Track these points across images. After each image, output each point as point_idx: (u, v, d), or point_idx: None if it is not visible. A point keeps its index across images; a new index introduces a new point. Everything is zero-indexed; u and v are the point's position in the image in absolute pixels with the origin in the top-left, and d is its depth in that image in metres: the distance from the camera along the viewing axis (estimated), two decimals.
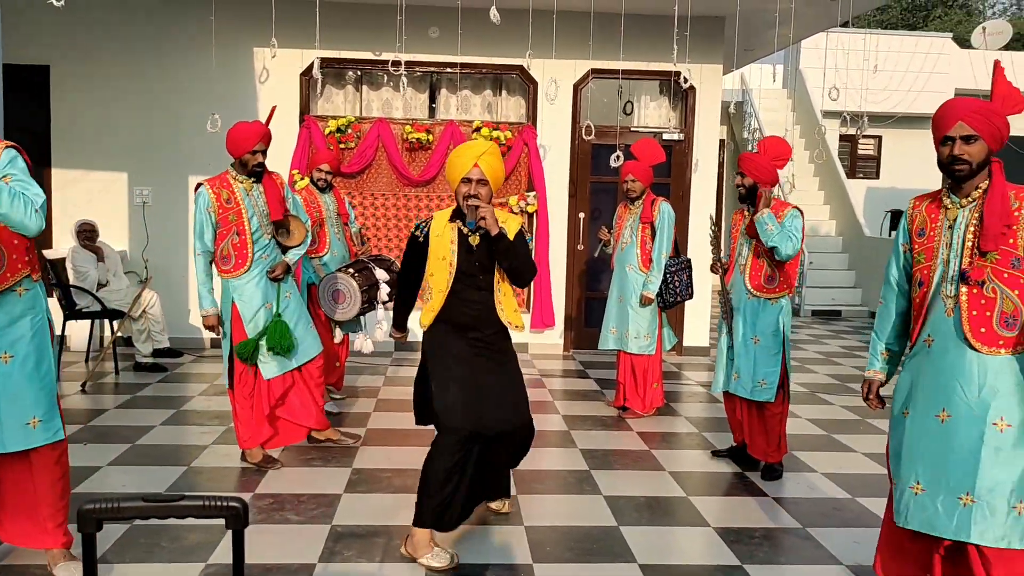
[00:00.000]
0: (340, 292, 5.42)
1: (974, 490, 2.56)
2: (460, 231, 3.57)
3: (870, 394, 3.02)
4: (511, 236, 3.52)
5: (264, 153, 4.46)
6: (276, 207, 4.52)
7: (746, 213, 4.74)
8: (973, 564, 2.59)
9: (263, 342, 4.46)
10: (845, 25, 8.91)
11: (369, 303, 5.55)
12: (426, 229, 3.60)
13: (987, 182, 2.68)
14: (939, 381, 2.67)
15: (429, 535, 3.50)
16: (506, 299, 3.64)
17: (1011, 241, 2.57)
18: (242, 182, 4.46)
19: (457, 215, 3.58)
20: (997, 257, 2.58)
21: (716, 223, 5.14)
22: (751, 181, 4.61)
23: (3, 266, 3.04)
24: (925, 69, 14.40)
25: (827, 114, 13.82)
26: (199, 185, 4.44)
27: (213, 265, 4.51)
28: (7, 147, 3.04)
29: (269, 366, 4.50)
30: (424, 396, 3.69)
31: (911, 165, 15.32)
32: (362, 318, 5.79)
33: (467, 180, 3.47)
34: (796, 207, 4.60)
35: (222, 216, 4.41)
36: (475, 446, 3.51)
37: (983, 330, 2.60)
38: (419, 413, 3.80)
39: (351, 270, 5.48)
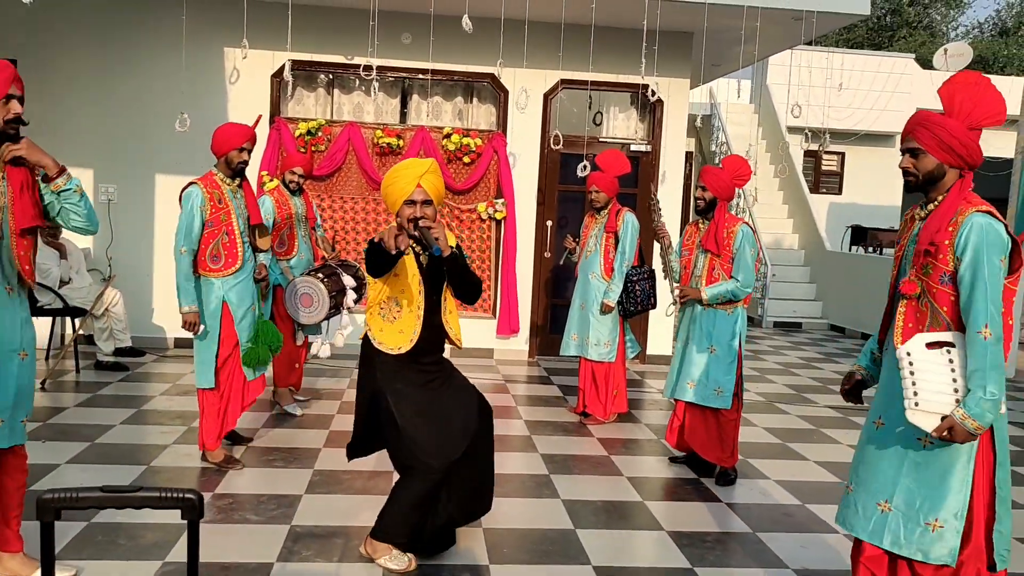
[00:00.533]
0: (308, 296, 5.44)
1: (891, 499, 2.62)
2: (413, 251, 3.46)
3: (845, 384, 2.97)
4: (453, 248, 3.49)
5: (249, 152, 4.52)
6: (255, 211, 4.62)
7: (700, 226, 4.88)
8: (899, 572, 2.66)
9: (253, 345, 4.61)
10: (811, 43, 9.12)
11: (335, 308, 5.59)
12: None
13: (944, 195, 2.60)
14: (885, 390, 2.72)
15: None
16: (452, 317, 3.60)
17: (940, 256, 2.52)
18: (228, 184, 4.50)
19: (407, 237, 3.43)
20: (931, 272, 2.56)
21: (654, 197, 5.61)
22: (711, 195, 4.74)
23: (21, 271, 3.07)
24: (888, 88, 14.74)
25: (792, 130, 14.10)
26: (189, 184, 4.44)
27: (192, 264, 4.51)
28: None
29: (253, 368, 4.65)
30: (372, 429, 3.57)
31: (873, 182, 15.67)
32: (325, 322, 5.82)
33: (411, 202, 3.36)
34: (745, 222, 4.77)
35: (214, 215, 4.42)
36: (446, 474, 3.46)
37: None
38: (359, 447, 3.67)
39: (320, 275, 5.51)
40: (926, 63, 17.08)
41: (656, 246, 5.36)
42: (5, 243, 2.99)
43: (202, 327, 4.47)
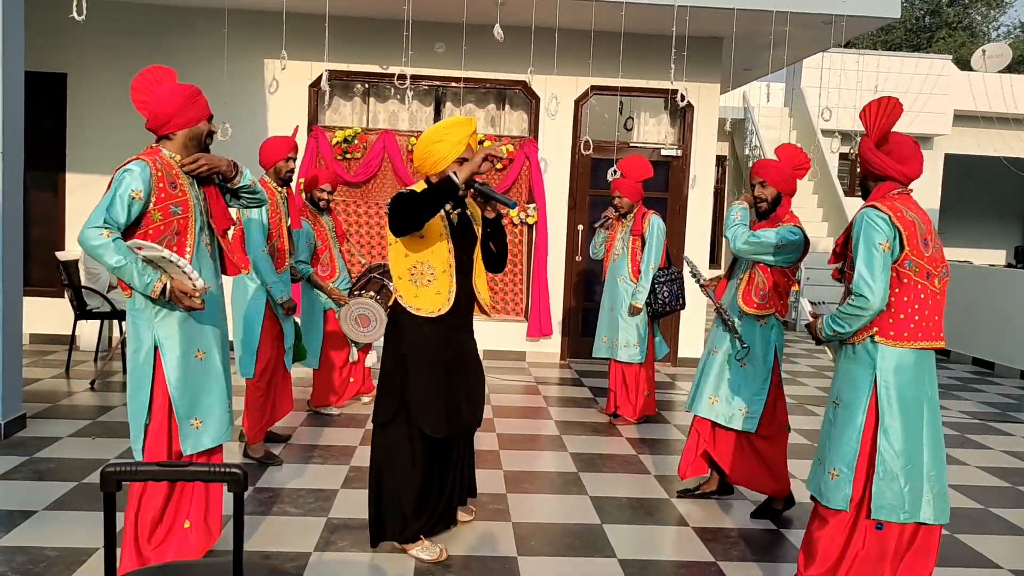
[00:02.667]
0: (365, 316, 5.56)
1: (820, 452, 3.20)
2: (444, 210, 3.46)
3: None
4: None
5: (294, 161, 4.79)
6: (295, 218, 4.89)
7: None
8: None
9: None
10: (845, 46, 9.13)
11: None
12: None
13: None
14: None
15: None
16: (481, 281, 3.61)
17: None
18: (280, 192, 4.76)
19: None
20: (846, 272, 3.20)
21: (693, 269, 4.68)
22: (774, 191, 4.12)
23: (240, 264, 3.51)
24: (925, 90, 14.60)
25: (826, 132, 14.03)
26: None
27: None
28: None
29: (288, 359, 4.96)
30: (398, 392, 3.48)
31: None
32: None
33: (462, 160, 3.34)
34: (796, 223, 4.11)
35: (272, 219, 4.67)
36: (442, 445, 3.58)
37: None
38: (386, 409, 3.52)
39: (370, 292, 5.61)
40: (965, 64, 16.88)
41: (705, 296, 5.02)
42: (216, 245, 3.31)
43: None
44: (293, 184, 7.92)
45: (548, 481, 4.80)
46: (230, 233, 3.56)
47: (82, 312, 6.96)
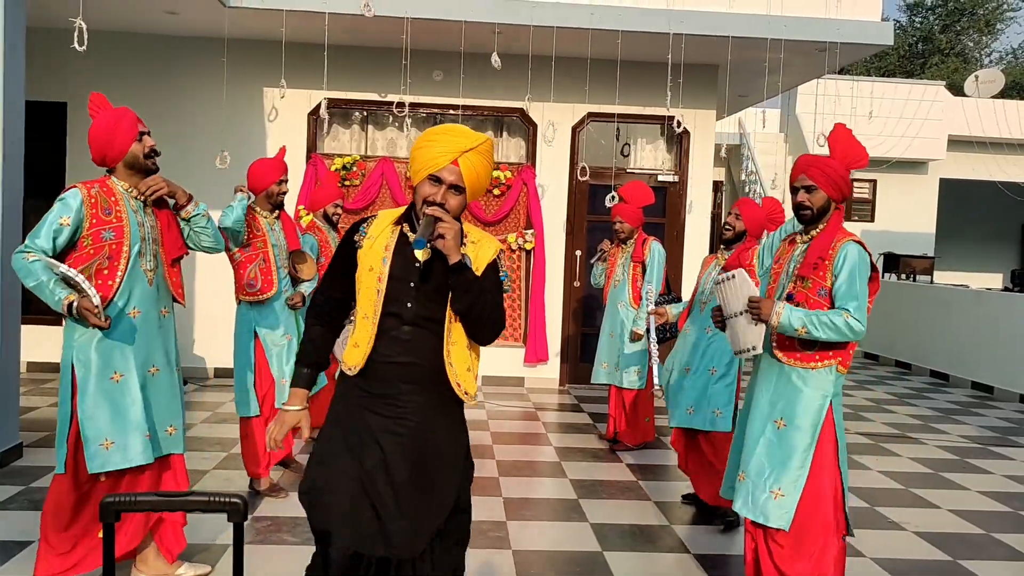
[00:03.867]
0: None
1: (747, 470, 3.17)
2: (403, 235, 2.48)
3: None
4: (479, 267, 2.47)
5: (286, 183, 4.74)
6: (293, 239, 4.82)
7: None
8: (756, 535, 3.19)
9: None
10: (840, 72, 9.22)
11: None
12: (365, 229, 2.52)
13: (824, 225, 3.15)
14: (755, 383, 3.30)
15: None
16: (457, 350, 2.46)
17: (821, 274, 3.06)
18: (265, 216, 4.70)
19: (407, 217, 2.52)
20: (809, 285, 3.08)
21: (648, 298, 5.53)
22: (742, 227, 4.05)
23: (176, 295, 3.48)
24: (919, 115, 14.71)
25: None
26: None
27: None
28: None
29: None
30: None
31: (906, 209, 15.60)
32: None
33: (436, 179, 2.41)
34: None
35: (252, 241, 4.63)
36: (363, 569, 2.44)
37: (787, 343, 3.13)
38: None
39: None
40: (959, 90, 17.03)
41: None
42: (161, 272, 3.38)
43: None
44: (291, 210, 7.98)
45: (548, 508, 4.78)
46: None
47: None
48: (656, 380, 6.23)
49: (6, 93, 5.03)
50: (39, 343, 7.88)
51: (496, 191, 8.38)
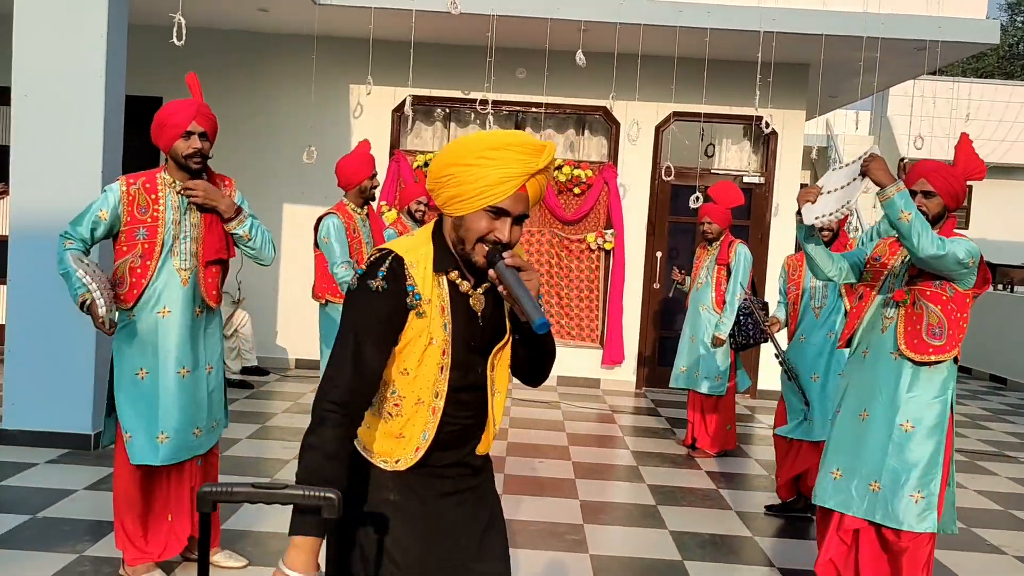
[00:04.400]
0: None
1: (880, 479, 3.07)
2: (454, 287, 1.83)
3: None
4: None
5: (376, 177, 4.70)
6: (379, 237, 4.81)
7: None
8: (884, 542, 3.14)
9: None
10: (935, 73, 8.85)
11: None
12: (411, 284, 1.77)
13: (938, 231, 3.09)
14: (864, 386, 3.20)
15: None
16: (500, 399, 1.90)
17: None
18: (357, 212, 4.66)
19: (446, 258, 1.83)
20: (919, 282, 3.09)
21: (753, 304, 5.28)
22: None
23: (207, 296, 3.41)
24: (1020, 119, 14.05)
25: (911, 161, 13.59)
26: (327, 214, 4.55)
27: None
28: (232, 187, 3.56)
29: None
30: None
31: (1003, 216, 14.91)
32: None
33: (499, 212, 1.75)
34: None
35: (350, 242, 4.56)
36: None
37: (915, 341, 3.07)
38: None
39: None
40: None
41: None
42: (197, 272, 3.32)
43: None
44: (375, 205, 8.07)
45: (625, 513, 4.70)
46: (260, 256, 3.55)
47: None
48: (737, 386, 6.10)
49: (108, 89, 5.20)
50: None
51: (576, 190, 8.31)
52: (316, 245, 4.60)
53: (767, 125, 7.07)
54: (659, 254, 8.47)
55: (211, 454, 3.56)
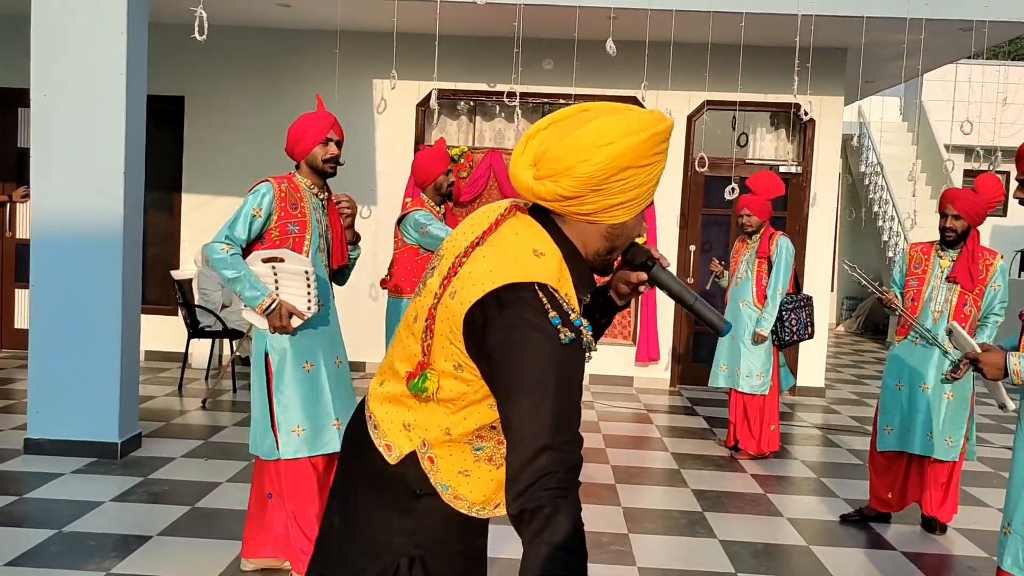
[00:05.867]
0: None
1: (1012, 522, 2.69)
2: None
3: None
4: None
5: (451, 174, 4.61)
6: None
7: (940, 252, 4.29)
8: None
9: None
10: (979, 55, 8.53)
11: None
12: (578, 319, 1.45)
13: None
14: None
15: None
16: None
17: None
18: (437, 211, 4.60)
19: (584, 279, 1.58)
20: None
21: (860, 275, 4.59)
22: (965, 224, 4.14)
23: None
24: None
25: (952, 148, 13.22)
26: (416, 209, 4.53)
27: None
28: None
29: None
30: None
31: None
32: None
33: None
34: (1000, 255, 4.25)
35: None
36: None
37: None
38: None
39: None
40: None
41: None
42: (325, 275, 3.49)
43: None
44: (398, 205, 7.91)
45: (671, 521, 4.48)
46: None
47: (195, 330, 7.04)
48: (781, 384, 5.87)
49: (129, 88, 5.06)
50: (155, 332, 8.05)
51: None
52: (402, 241, 4.58)
53: (805, 113, 6.80)
54: (692, 247, 8.23)
55: None
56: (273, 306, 3.25)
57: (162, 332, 8.13)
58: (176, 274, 7.34)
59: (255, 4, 7.25)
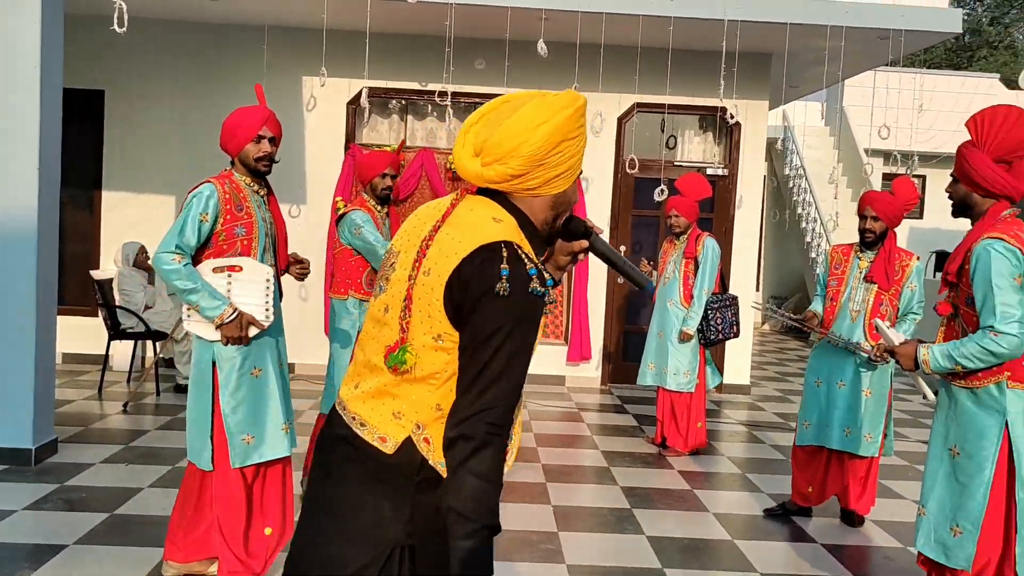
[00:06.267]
0: None
1: (927, 505, 2.91)
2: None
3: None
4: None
5: (392, 179, 4.52)
6: None
7: (859, 254, 4.45)
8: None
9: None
10: (891, 64, 8.86)
11: None
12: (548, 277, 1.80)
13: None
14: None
15: None
16: None
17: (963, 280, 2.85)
18: (379, 211, 4.51)
19: (539, 246, 1.79)
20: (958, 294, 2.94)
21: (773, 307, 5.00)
22: (883, 225, 4.29)
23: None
24: (972, 109, 14.19)
25: (871, 152, 13.68)
26: (352, 210, 4.42)
27: None
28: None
29: None
30: None
31: None
32: None
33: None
34: (916, 256, 4.42)
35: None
36: None
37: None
38: None
39: None
40: (1011, 83, 16.46)
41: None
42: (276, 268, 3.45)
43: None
44: (329, 200, 7.80)
45: (601, 518, 4.53)
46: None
47: (116, 332, 6.82)
48: (709, 383, 5.99)
49: (44, 80, 4.87)
50: (74, 334, 7.77)
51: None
52: (338, 242, 4.49)
53: (731, 116, 6.95)
54: (623, 248, 8.33)
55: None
56: (233, 317, 3.15)
57: (81, 334, 7.86)
58: (96, 274, 7.09)
59: None
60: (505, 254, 1.58)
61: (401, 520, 1.65)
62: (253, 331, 3.24)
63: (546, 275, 1.67)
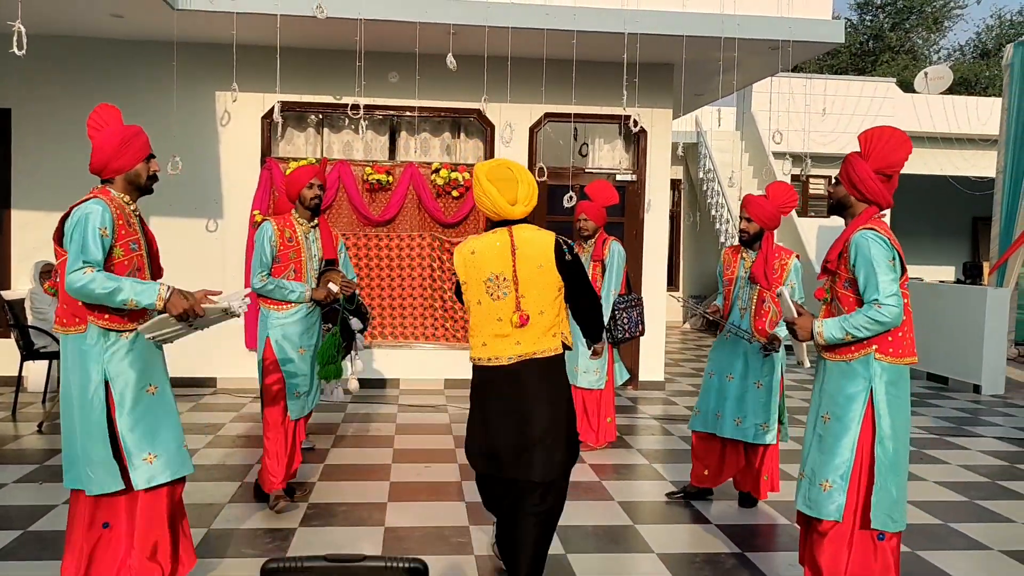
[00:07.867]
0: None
1: (804, 469, 3.28)
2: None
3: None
4: None
5: (322, 188, 4.67)
6: (329, 247, 4.80)
7: (744, 255, 4.77)
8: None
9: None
10: (794, 70, 9.34)
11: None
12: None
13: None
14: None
15: None
16: None
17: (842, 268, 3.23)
18: (302, 224, 4.65)
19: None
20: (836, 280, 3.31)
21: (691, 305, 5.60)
22: (757, 227, 4.63)
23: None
24: (871, 112, 14.95)
25: (777, 155, 14.28)
26: (264, 220, 4.66)
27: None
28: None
29: (297, 404, 4.64)
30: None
31: None
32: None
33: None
34: (795, 254, 4.72)
35: (283, 252, 4.56)
36: None
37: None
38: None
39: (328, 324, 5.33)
40: (909, 87, 17.35)
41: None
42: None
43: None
44: (247, 214, 7.84)
45: None
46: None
47: (29, 352, 6.76)
48: (616, 379, 6.26)
49: None
50: None
51: (455, 192, 8.33)
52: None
53: (635, 124, 7.27)
54: None
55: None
56: (171, 291, 3.05)
57: None
58: (7, 294, 7.02)
59: (86, 14, 7.05)
60: (563, 240, 3.38)
61: (564, 387, 3.58)
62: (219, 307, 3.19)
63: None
